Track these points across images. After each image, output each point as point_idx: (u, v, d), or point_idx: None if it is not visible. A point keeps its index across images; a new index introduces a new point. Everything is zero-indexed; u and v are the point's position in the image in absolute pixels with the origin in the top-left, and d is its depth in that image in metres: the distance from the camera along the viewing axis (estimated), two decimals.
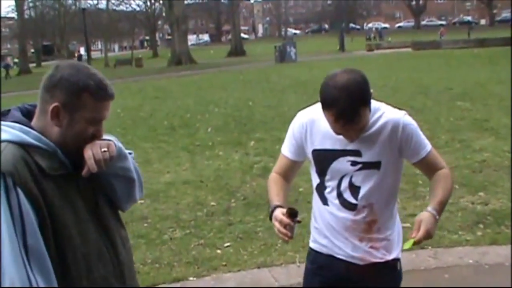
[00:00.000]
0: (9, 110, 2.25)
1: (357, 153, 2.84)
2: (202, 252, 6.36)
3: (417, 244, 2.77)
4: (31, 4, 74.17)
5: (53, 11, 73.72)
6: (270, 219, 2.87)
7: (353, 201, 2.89)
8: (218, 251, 6.36)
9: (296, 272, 5.38)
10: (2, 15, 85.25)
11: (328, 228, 3.01)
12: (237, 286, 5.53)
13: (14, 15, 75.13)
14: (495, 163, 8.99)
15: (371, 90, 2.69)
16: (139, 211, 7.68)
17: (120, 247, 2.37)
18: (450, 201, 7.30)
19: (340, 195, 2.92)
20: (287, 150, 3.10)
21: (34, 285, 1.99)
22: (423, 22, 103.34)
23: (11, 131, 2.13)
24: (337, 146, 2.86)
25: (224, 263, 6.01)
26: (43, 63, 76.84)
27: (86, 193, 2.26)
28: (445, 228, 6.47)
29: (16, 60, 66.36)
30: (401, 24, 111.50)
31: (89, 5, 63.28)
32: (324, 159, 2.93)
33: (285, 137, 3.11)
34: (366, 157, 2.83)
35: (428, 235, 2.72)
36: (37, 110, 2.22)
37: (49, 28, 72.67)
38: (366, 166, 2.85)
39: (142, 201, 8.07)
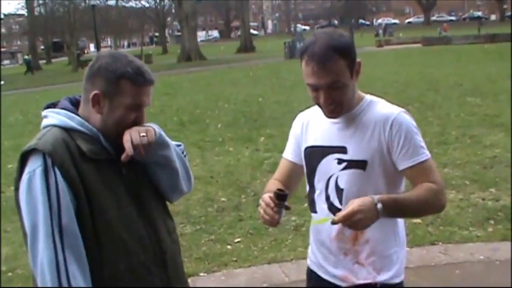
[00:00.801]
0: (59, 101, 2.34)
1: (343, 149, 2.57)
2: (212, 247, 6.38)
3: (337, 223, 2.29)
4: (41, 1, 74.38)
5: (62, 7, 73.59)
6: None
7: (338, 205, 2.58)
8: (229, 246, 6.38)
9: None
10: (12, 12, 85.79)
11: (315, 242, 2.79)
12: (248, 281, 5.54)
13: (24, 12, 75.40)
14: (506, 158, 8.94)
15: (358, 60, 2.49)
16: None
17: (164, 235, 2.39)
18: (461, 197, 7.34)
19: (328, 198, 2.64)
20: (288, 152, 2.89)
21: (61, 264, 2.04)
22: (433, 18, 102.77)
23: (57, 116, 2.24)
24: (325, 143, 2.64)
25: (234, 259, 6.03)
26: (53, 60, 77.17)
27: (129, 179, 2.30)
28: (456, 224, 6.46)
29: (26, 57, 66.48)
30: (410, 19, 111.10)
31: (98, 2, 63.37)
32: (313, 156, 2.69)
33: (287, 143, 2.92)
34: (351, 154, 2.55)
35: (352, 219, 2.25)
36: (81, 100, 2.30)
37: (59, 25, 72.64)
38: (351, 165, 2.55)
39: None
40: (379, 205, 2.29)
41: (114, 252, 2.19)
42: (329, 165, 2.61)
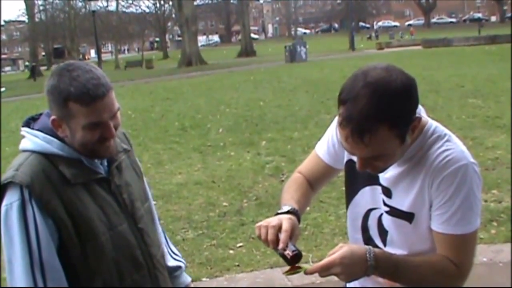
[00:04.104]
0: (41, 114, 2.20)
1: (387, 191, 2.11)
2: (214, 252, 6.37)
3: (311, 273, 1.94)
4: (41, 7, 74.59)
5: (63, 14, 74.02)
6: None
7: (380, 244, 2.17)
8: (231, 251, 6.37)
9: None
10: (13, 19, 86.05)
11: None
12: (250, 286, 5.53)
13: (24, 18, 75.56)
14: (508, 160, 8.92)
15: (422, 116, 1.99)
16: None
17: (155, 249, 2.36)
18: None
19: (365, 230, 2.23)
20: (323, 150, 2.38)
21: None
22: (433, 20, 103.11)
23: (35, 140, 2.11)
24: None
25: (237, 264, 6.02)
26: (54, 66, 77.67)
27: (120, 195, 2.22)
28: None
29: (26, 63, 66.59)
30: (411, 22, 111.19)
31: (99, 7, 63.45)
32: (357, 177, 2.21)
33: (324, 134, 2.41)
34: (395, 202, 2.08)
35: (330, 271, 1.89)
36: None
37: (60, 31, 73.04)
38: (394, 213, 2.09)
39: (154, 202, 8.07)
40: (371, 262, 1.91)
41: (108, 276, 2.13)
42: (374, 196, 2.17)
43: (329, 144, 2.35)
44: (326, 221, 6.93)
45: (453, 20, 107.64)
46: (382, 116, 1.79)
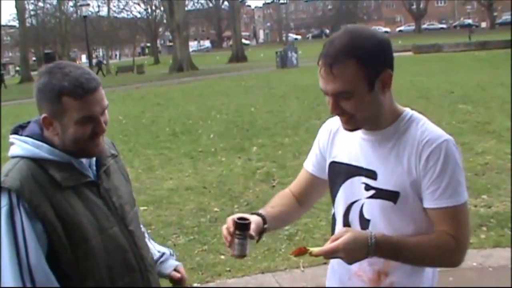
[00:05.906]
0: (29, 122, 2.24)
1: (372, 174, 2.18)
2: (206, 258, 6.37)
3: (316, 256, 2.07)
4: (32, 12, 74.36)
5: (54, 19, 73.80)
6: None
7: None
8: (222, 257, 6.36)
9: (300, 277, 5.39)
10: (3, 24, 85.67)
11: (334, 271, 2.48)
12: None
13: (15, 23, 75.30)
14: (497, 165, 8.99)
15: (388, 70, 2.14)
16: (142, 218, 7.68)
17: (145, 252, 2.38)
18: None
19: (348, 226, 2.28)
20: (309, 162, 2.53)
21: None
22: (424, 26, 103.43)
23: (24, 146, 2.14)
24: (353, 161, 2.26)
25: (228, 269, 6.02)
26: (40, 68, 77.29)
27: (109, 198, 2.25)
28: None
29: (17, 68, 66.26)
30: (401, 28, 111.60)
31: (90, 13, 63.28)
32: (337, 175, 2.33)
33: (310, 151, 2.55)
34: (380, 182, 2.16)
35: (334, 255, 2.04)
36: None
37: (51, 36, 72.76)
38: (379, 194, 2.16)
39: (146, 208, 8.09)
40: (372, 247, 2.02)
41: (99, 278, 2.15)
42: (354, 189, 2.26)
43: (315, 153, 2.50)
44: (317, 227, 6.95)
45: (444, 26, 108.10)
46: (352, 51, 2.01)
